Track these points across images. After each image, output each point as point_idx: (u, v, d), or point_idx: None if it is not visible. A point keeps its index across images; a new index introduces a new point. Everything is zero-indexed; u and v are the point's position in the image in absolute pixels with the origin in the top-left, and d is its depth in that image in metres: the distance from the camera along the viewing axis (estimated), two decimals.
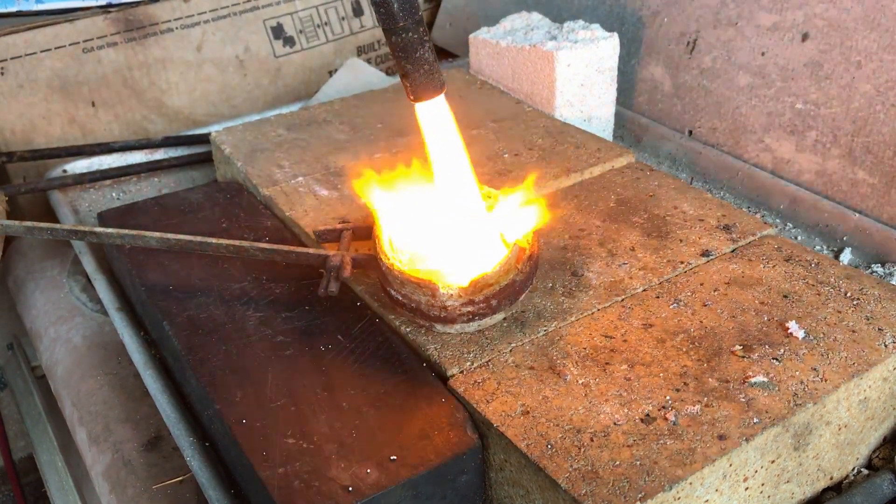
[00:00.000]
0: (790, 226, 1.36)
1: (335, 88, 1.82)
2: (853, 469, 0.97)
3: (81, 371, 1.23)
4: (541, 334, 0.96)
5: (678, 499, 0.78)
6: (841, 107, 1.31)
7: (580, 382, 0.89)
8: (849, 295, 0.99)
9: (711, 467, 0.79)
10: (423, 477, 0.82)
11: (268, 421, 0.88)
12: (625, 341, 0.94)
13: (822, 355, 0.90)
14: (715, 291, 1.01)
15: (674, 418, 0.83)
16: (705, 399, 0.85)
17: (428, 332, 0.97)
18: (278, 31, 1.95)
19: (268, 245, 1.06)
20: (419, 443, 0.84)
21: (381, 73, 1.88)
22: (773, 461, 0.85)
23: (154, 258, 1.15)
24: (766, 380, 0.87)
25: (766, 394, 0.86)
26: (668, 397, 0.86)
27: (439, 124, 0.99)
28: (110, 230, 1.10)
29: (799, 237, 1.34)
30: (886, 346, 0.91)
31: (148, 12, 1.79)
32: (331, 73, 2.00)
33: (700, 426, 0.82)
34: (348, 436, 0.85)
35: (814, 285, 1.01)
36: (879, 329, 0.94)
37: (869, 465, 0.98)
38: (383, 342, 0.98)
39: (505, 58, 1.52)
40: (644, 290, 1.02)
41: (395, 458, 0.83)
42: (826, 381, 0.87)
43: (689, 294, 1.01)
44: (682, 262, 1.06)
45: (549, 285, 1.04)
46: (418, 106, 0.97)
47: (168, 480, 1.04)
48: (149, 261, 1.15)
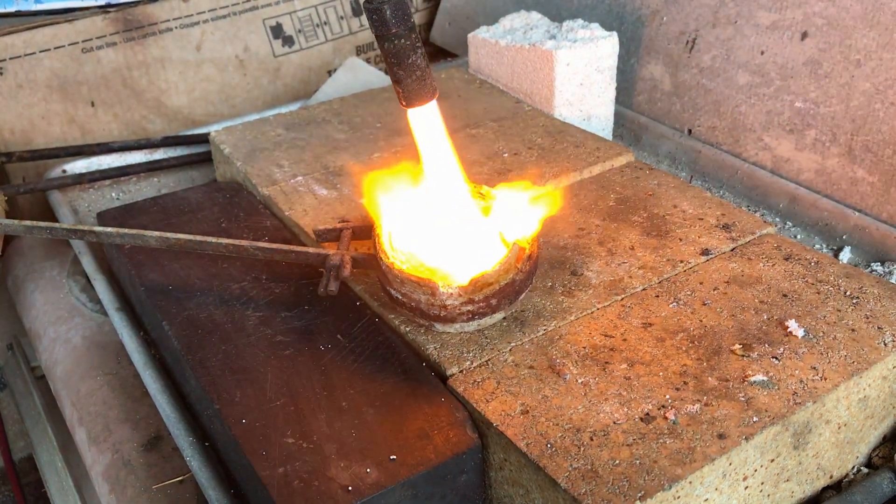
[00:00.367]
0: (790, 224, 1.36)
1: (334, 88, 1.82)
2: (853, 468, 0.97)
3: (81, 371, 1.23)
4: (540, 333, 0.96)
5: (678, 498, 0.78)
6: (840, 105, 1.31)
7: (580, 382, 0.89)
8: (848, 294, 0.99)
9: (711, 466, 0.79)
10: (422, 476, 0.82)
11: (267, 421, 0.87)
12: (624, 340, 0.94)
13: (821, 354, 0.90)
14: (714, 290, 1.01)
15: (673, 417, 0.83)
16: (705, 398, 0.85)
17: (428, 331, 0.97)
18: (277, 31, 1.95)
19: (267, 244, 1.06)
20: (419, 442, 0.84)
21: (380, 72, 1.88)
22: (772, 460, 0.85)
23: (153, 258, 1.15)
24: (765, 378, 0.87)
25: (765, 392, 0.86)
26: (667, 396, 0.86)
27: (431, 130, 0.99)
28: (110, 229, 1.10)
29: (798, 236, 1.34)
30: (886, 344, 0.91)
31: (147, 12, 1.79)
32: (330, 73, 2.01)
33: (700, 425, 0.82)
34: (348, 435, 0.85)
35: (813, 284, 1.01)
36: (879, 328, 0.94)
37: (869, 463, 0.98)
38: (383, 342, 0.98)
39: (504, 57, 1.52)
40: (644, 289, 1.02)
41: (395, 457, 0.83)
42: (826, 379, 0.87)
43: (688, 293, 1.01)
44: (681, 261, 1.06)
45: (548, 284, 1.04)
46: (410, 111, 0.98)
47: (168, 480, 1.04)
48: (148, 261, 1.15)
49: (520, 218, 0.99)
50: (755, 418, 0.83)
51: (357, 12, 2.04)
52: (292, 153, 1.37)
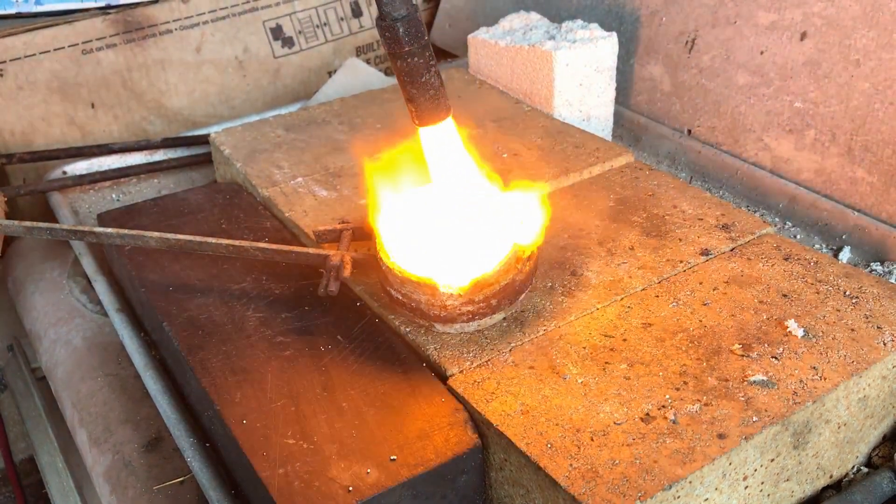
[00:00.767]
0: (789, 224, 1.36)
1: (334, 89, 1.82)
2: (853, 467, 0.97)
3: (81, 372, 1.24)
4: (540, 334, 0.96)
5: (678, 497, 0.78)
6: (840, 105, 1.31)
7: (580, 382, 0.89)
8: (848, 293, 0.99)
9: (711, 466, 0.79)
10: (423, 477, 0.82)
11: (268, 421, 0.88)
12: (624, 340, 0.94)
13: (821, 354, 0.90)
14: (714, 290, 1.01)
15: (673, 417, 0.83)
16: (705, 398, 0.85)
17: (428, 332, 0.97)
18: (277, 32, 1.95)
19: (267, 245, 1.06)
20: (419, 443, 0.85)
21: (380, 73, 1.89)
22: (772, 460, 0.85)
23: (154, 259, 1.16)
24: (765, 378, 0.87)
25: (765, 392, 0.86)
26: (667, 396, 0.86)
27: (444, 149, 0.98)
28: (110, 230, 1.10)
29: (798, 236, 1.34)
30: (885, 344, 0.92)
31: (147, 14, 1.79)
32: (330, 74, 2.01)
33: (699, 425, 0.82)
34: (348, 436, 0.85)
35: (813, 284, 1.01)
36: (878, 327, 0.94)
37: (869, 463, 0.99)
38: (383, 342, 0.98)
39: (504, 58, 1.53)
40: (643, 290, 1.02)
41: (395, 457, 0.83)
42: (825, 379, 0.87)
43: (688, 293, 1.01)
44: (681, 261, 1.07)
45: (548, 285, 1.04)
46: (422, 130, 0.96)
47: (169, 481, 1.04)
48: (148, 262, 1.15)
49: (524, 222, 0.99)
50: (755, 418, 0.83)
51: (357, 13, 2.05)
52: (292, 154, 1.37)
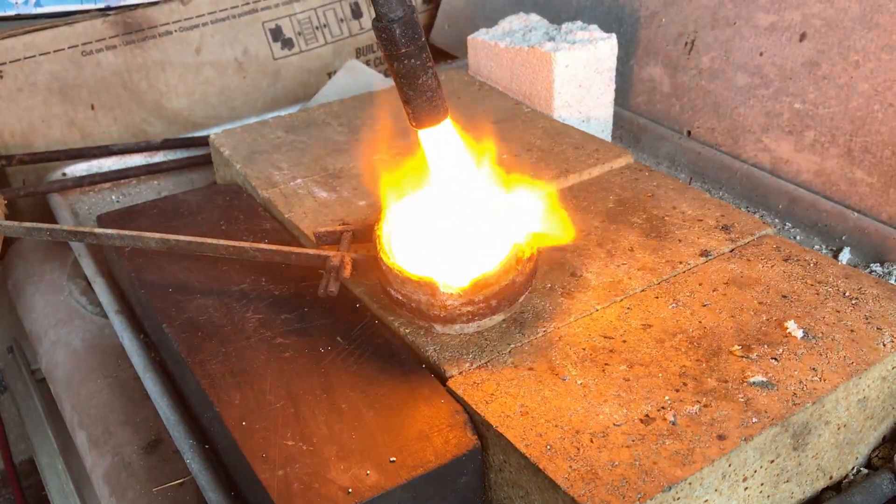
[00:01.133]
0: (789, 225, 1.36)
1: (334, 90, 1.82)
2: (853, 468, 0.97)
3: (81, 374, 1.24)
4: (540, 335, 0.96)
5: (677, 499, 0.78)
6: (839, 106, 1.31)
7: (579, 383, 0.89)
8: (847, 294, 0.99)
9: (710, 467, 0.79)
10: (422, 478, 0.82)
11: (267, 423, 0.88)
12: (624, 342, 0.94)
13: (820, 355, 0.90)
14: (714, 291, 1.01)
15: (673, 418, 0.83)
16: (704, 399, 0.85)
17: (427, 333, 0.97)
18: (277, 34, 1.95)
19: (267, 246, 1.06)
20: (419, 444, 0.85)
21: (380, 74, 1.89)
22: (772, 461, 0.85)
23: (153, 261, 1.16)
24: (764, 379, 0.87)
25: (764, 393, 0.86)
26: (667, 397, 0.86)
27: (444, 149, 0.98)
28: (110, 231, 1.10)
29: (797, 237, 1.34)
30: (885, 345, 0.92)
31: (146, 15, 1.79)
32: (330, 75, 2.01)
33: (699, 426, 0.82)
34: (348, 437, 0.85)
35: (812, 285, 1.01)
36: (878, 328, 0.94)
37: (868, 464, 0.98)
38: (383, 344, 0.98)
39: (503, 59, 1.53)
40: (643, 291, 1.02)
41: (395, 459, 0.83)
42: (825, 380, 0.87)
43: (687, 294, 1.01)
44: (680, 263, 1.07)
45: (548, 286, 1.04)
46: (421, 132, 0.96)
47: (168, 483, 1.04)
48: (148, 263, 1.15)
49: (525, 223, 0.99)
50: (754, 419, 0.83)
51: (357, 15, 2.05)
52: (292, 155, 1.37)
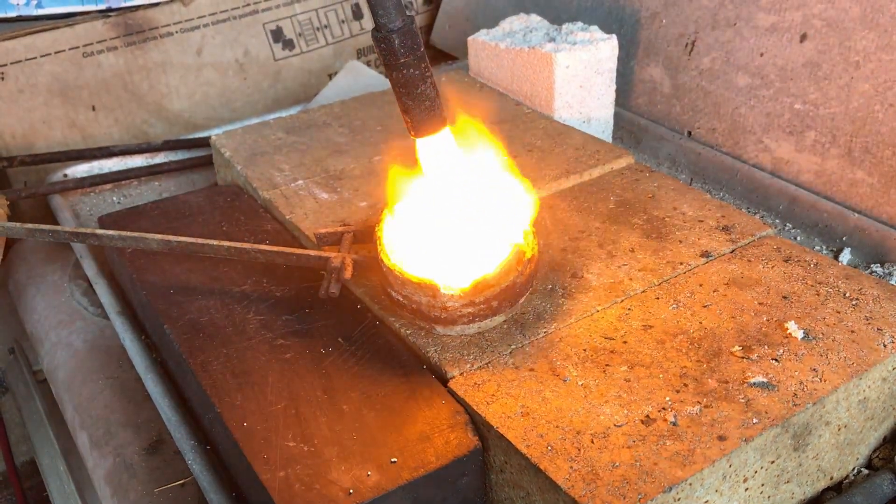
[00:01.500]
0: (789, 226, 1.36)
1: (335, 91, 1.82)
2: (853, 469, 0.97)
3: (82, 375, 1.24)
4: (540, 336, 0.96)
5: (678, 500, 0.78)
6: (840, 107, 1.31)
7: (580, 384, 0.89)
8: (848, 295, 0.99)
9: (711, 468, 0.79)
10: (423, 479, 0.82)
11: (268, 424, 0.88)
12: (624, 342, 0.94)
13: (821, 355, 0.90)
14: (714, 292, 1.01)
15: (673, 419, 0.83)
16: (705, 400, 0.86)
17: (428, 334, 0.97)
18: (278, 35, 1.95)
19: (269, 247, 1.07)
20: (420, 445, 0.85)
21: (380, 76, 1.89)
22: (772, 461, 0.85)
23: (155, 262, 1.16)
24: (765, 380, 0.87)
25: (765, 394, 0.86)
26: (667, 398, 0.86)
27: (443, 158, 0.98)
28: (112, 232, 1.10)
29: (798, 237, 1.34)
30: (885, 346, 0.92)
31: (147, 16, 1.80)
32: (330, 76, 2.01)
33: (700, 427, 0.82)
34: (349, 438, 0.86)
35: (813, 285, 1.01)
36: (879, 329, 0.94)
37: (869, 465, 0.99)
38: (384, 345, 0.98)
39: (504, 60, 1.53)
40: (643, 292, 1.02)
41: (396, 460, 0.83)
42: (825, 381, 0.87)
43: (688, 295, 1.01)
44: (681, 263, 1.07)
45: (548, 287, 1.04)
46: (419, 141, 0.96)
47: (169, 484, 1.04)
48: (149, 265, 1.15)
49: (513, 214, 0.99)
50: (755, 420, 0.83)
51: (358, 16, 2.05)
52: (293, 157, 1.37)
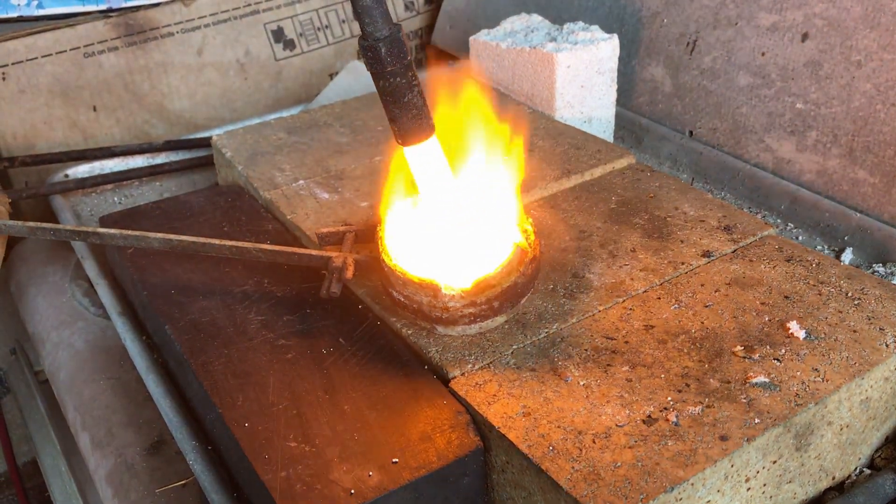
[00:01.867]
0: (791, 226, 1.36)
1: (336, 91, 1.82)
2: (855, 469, 0.97)
3: (84, 375, 1.24)
4: (542, 336, 0.96)
5: (680, 500, 0.78)
6: (841, 106, 1.31)
7: (581, 384, 0.89)
8: (850, 295, 0.99)
9: (713, 468, 0.79)
10: (425, 479, 0.82)
11: (270, 424, 0.88)
12: (626, 342, 0.94)
13: (823, 355, 0.90)
14: (716, 292, 1.01)
15: (675, 419, 0.83)
16: (707, 400, 0.85)
17: (429, 334, 0.97)
18: (279, 35, 1.95)
19: (270, 247, 1.07)
20: (421, 445, 0.85)
21: None
22: (774, 461, 0.85)
23: (156, 262, 1.16)
24: (767, 380, 0.87)
25: (767, 394, 0.86)
26: (669, 398, 0.86)
27: (431, 167, 0.98)
28: (113, 231, 1.10)
29: (800, 237, 1.34)
30: (888, 345, 0.91)
31: (148, 17, 1.80)
32: (331, 77, 2.01)
33: (702, 427, 0.82)
34: (350, 438, 0.85)
35: (815, 285, 1.01)
36: (881, 329, 0.94)
37: (871, 464, 0.98)
38: (385, 345, 0.98)
39: (505, 60, 1.53)
40: (645, 291, 1.02)
41: (397, 460, 0.83)
42: (827, 381, 0.87)
43: (690, 295, 1.01)
44: (682, 263, 1.06)
45: (550, 287, 1.04)
46: (407, 150, 0.97)
47: (171, 484, 1.04)
48: (150, 265, 1.15)
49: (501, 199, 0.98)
50: (757, 420, 0.83)
51: None
52: (294, 157, 1.37)
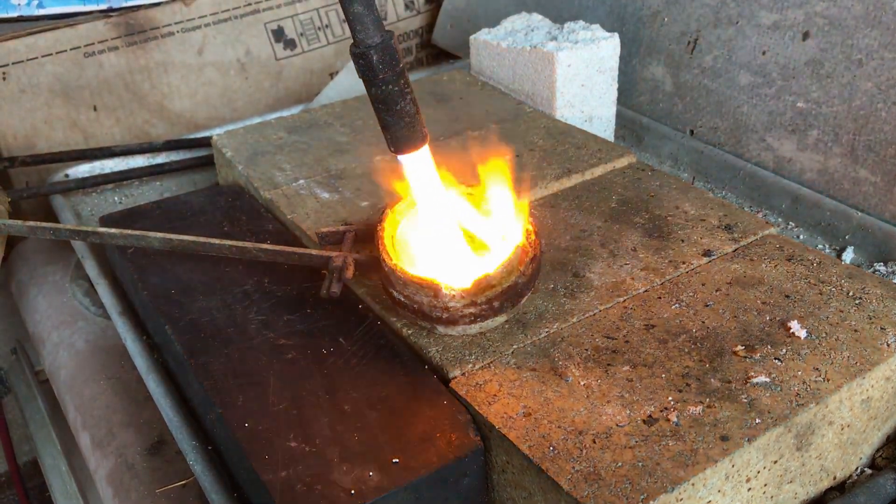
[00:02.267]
0: (792, 225, 1.36)
1: (336, 91, 1.82)
2: (856, 469, 0.97)
3: (84, 375, 1.24)
4: (542, 335, 0.96)
5: (680, 500, 0.78)
6: (842, 105, 1.31)
7: (582, 384, 0.88)
8: (851, 294, 0.99)
9: (714, 468, 0.79)
10: (425, 480, 0.82)
11: (270, 424, 0.88)
12: (627, 342, 0.94)
13: (824, 355, 0.90)
14: (717, 291, 1.01)
15: (676, 419, 0.83)
16: (707, 400, 0.85)
17: (430, 334, 0.97)
18: (279, 34, 1.95)
19: (270, 246, 1.07)
20: (421, 445, 0.84)
21: None
22: (775, 461, 0.85)
23: (156, 262, 1.16)
24: (768, 380, 0.87)
25: (768, 394, 0.86)
26: (670, 398, 0.86)
27: (423, 174, 0.97)
28: (113, 230, 1.10)
29: (801, 236, 1.34)
30: (889, 345, 0.91)
31: (149, 16, 1.80)
32: (332, 76, 2.01)
33: (702, 427, 0.82)
34: (350, 439, 0.85)
35: (816, 285, 1.01)
36: (882, 328, 0.93)
37: (872, 464, 0.98)
38: (385, 345, 0.98)
39: (506, 59, 1.52)
40: (646, 291, 1.02)
41: (398, 460, 0.83)
42: (828, 380, 0.87)
43: (690, 294, 1.01)
44: (683, 263, 1.06)
45: (550, 286, 1.03)
46: (401, 158, 0.96)
47: (171, 484, 1.04)
48: (151, 265, 1.15)
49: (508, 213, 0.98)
50: (758, 420, 0.83)
51: None
52: (294, 156, 1.37)
